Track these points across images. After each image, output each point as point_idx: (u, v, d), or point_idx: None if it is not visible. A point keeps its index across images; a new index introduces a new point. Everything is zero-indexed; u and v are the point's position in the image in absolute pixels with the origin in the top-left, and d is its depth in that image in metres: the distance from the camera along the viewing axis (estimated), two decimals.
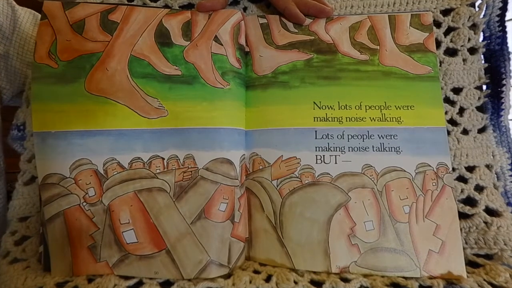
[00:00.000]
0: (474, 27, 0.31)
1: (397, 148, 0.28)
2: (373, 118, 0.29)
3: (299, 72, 0.30)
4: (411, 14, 0.31)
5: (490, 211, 0.28)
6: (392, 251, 0.26)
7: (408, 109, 0.29)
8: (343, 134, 0.28)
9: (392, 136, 0.28)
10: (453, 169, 0.29)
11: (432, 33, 0.30)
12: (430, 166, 0.27)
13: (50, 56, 0.27)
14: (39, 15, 0.34)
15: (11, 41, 0.32)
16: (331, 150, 0.28)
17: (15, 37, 0.32)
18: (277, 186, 0.28)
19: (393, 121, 0.28)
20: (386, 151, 0.28)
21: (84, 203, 0.26)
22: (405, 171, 0.27)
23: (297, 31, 0.31)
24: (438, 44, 0.31)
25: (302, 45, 0.30)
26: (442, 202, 0.27)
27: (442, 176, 0.27)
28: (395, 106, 0.29)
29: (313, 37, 0.31)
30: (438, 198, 0.27)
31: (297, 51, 0.30)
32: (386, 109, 0.29)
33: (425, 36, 0.30)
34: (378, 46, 0.30)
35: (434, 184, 0.27)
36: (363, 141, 0.28)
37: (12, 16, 0.32)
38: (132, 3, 0.32)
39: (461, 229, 0.27)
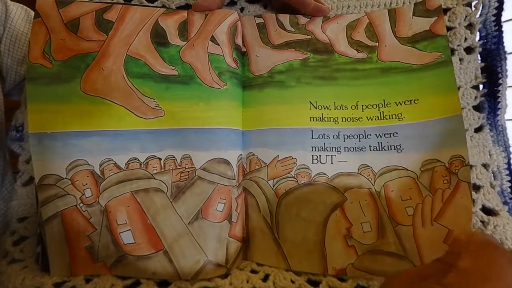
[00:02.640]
0: (470, 26, 0.31)
1: (398, 146, 0.27)
2: (370, 118, 0.28)
3: (295, 71, 0.30)
4: (414, 3, 0.30)
5: (487, 210, 0.28)
6: (392, 255, 0.25)
7: (410, 103, 0.27)
8: (338, 134, 0.28)
9: (391, 134, 0.27)
10: None
11: (441, 15, 0.29)
12: (440, 161, 0.25)
13: (45, 56, 0.27)
14: (31, 11, 0.34)
15: (2, 38, 0.31)
16: (327, 150, 0.28)
17: (6, 34, 0.31)
18: (273, 186, 0.28)
19: (392, 118, 0.28)
20: (385, 150, 0.27)
21: (81, 204, 0.26)
22: (407, 169, 0.26)
23: (293, 30, 0.31)
24: None
25: (299, 45, 0.30)
26: (457, 202, 0.24)
27: (456, 171, 0.25)
28: (395, 102, 0.28)
29: (309, 37, 0.30)
30: (451, 198, 0.25)
31: (294, 51, 0.30)
32: (384, 106, 0.28)
33: (432, 21, 0.29)
34: (377, 43, 0.30)
35: (446, 181, 0.25)
36: (360, 141, 0.28)
37: (4, 12, 0.31)
38: (128, 2, 0.32)
39: None
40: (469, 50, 0.31)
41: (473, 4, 0.31)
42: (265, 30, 0.31)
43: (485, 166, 0.30)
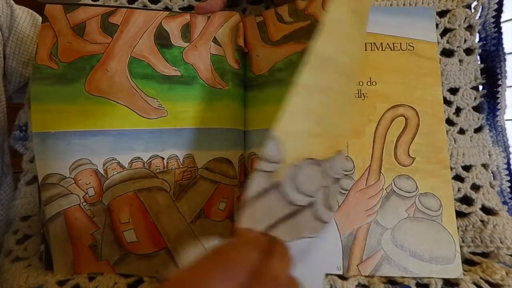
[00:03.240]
0: (470, 28, 0.31)
1: None
2: None
3: (295, 66, 0.28)
4: None
5: (487, 210, 0.28)
6: None
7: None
8: None
9: None
10: (451, 168, 0.28)
11: None
12: None
13: (51, 57, 0.27)
14: (37, 15, 0.35)
15: (7, 41, 0.32)
16: None
17: (12, 37, 0.32)
18: None
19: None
20: None
21: (84, 203, 0.26)
22: None
23: (292, 20, 0.29)
24: None
25: (298, 35, 0.29)
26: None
27: None
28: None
29: (309, 21, 0.29)
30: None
31: (293, 43, 0.29)
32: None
33: None
34: None
35: None
36: None
37: (10, 15, 0.32)
38: (132, 6, 0.33)
39: (458, 228, 0.27)
40: (468, 51, 0.31)
41: (472, 6, 0.31)
42: (265, 28, 0.30)
43: (484, 166, 0.30)
